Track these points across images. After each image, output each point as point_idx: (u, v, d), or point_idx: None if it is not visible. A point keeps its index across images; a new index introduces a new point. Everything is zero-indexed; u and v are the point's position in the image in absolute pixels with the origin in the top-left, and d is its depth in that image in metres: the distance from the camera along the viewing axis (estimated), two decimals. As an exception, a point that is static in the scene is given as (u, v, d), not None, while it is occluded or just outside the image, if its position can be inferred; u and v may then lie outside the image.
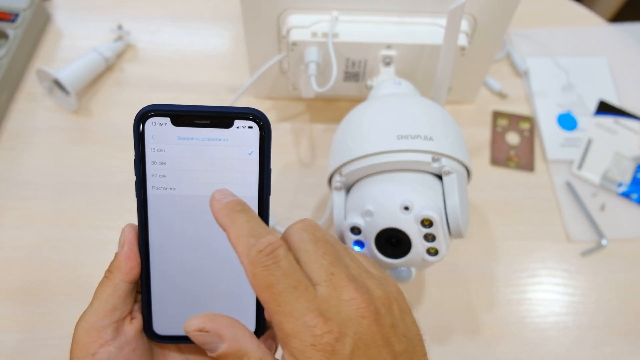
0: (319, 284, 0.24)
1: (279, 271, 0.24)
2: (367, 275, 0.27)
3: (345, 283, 0.25)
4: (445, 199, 0.41)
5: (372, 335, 0.24)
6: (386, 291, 0.26)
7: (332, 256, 0.26)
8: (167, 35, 0.69)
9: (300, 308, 0.23)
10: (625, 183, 0.59)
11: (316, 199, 0.58)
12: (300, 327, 0.23)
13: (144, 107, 0.28)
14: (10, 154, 0.59)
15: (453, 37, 0.46)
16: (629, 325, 0.52)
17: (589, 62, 0.69)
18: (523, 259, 0.55)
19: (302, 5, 0.51)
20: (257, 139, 0.29)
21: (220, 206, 0.26)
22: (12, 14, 0.64)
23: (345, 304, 0.24)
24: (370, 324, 0.24)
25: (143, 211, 0.29)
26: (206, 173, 0.29)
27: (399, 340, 0.25)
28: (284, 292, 0.23)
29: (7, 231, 0.54)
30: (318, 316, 0.23)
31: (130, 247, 0.29)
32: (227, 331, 0.25)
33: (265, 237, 0.24)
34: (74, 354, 0.28)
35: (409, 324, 0.27)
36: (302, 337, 0.23)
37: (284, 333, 0.23)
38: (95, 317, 0.28)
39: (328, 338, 0.23)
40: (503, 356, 0.50)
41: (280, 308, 0.23)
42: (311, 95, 0.57)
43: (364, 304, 0.24)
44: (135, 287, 0.30)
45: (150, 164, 0.29)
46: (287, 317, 0.23)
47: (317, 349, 0.23)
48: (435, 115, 0.44)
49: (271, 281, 0.24)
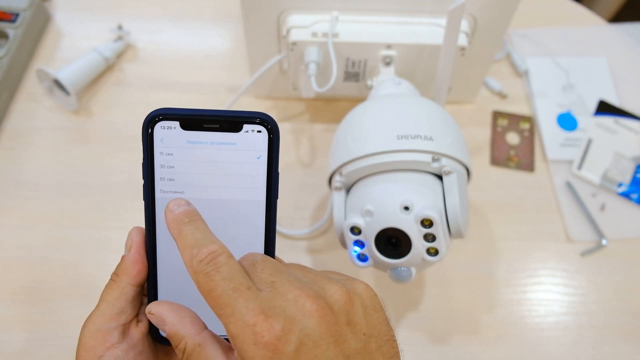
0: (262, 289, 0.24)
1: (218, 276, 0.24)
2: (323, 280, 0.27)
3: (288, 286, 0.25)
4: (445, 199, 0.41)
5: (320, 333, 0.24)
6: (345, 288, 0.26)
7: (271, 269, 0.26)
8: (167, 35, 0.69)
9: (240, 308, 0.23)
10: (625, 183, 0.59)
11: (316, 199, 0.58)
12: (242, 327, 0.23)
13: (153, 110, 0.28)
14: (10, 154, 0.59)
15: (453, 37, 0.46)
16: (629, 325, 0.52)
17: (589, 62, 0.69)
18: (523, 259, 0.55)
19: (302, 5, 0.51)
20: (266, 143, 0.29)
21: (171, 218, 0.27)
22: (12, 14, 0.64)
23: (291, 303, 0.24)
24: (318, 320, 0.24)
25: (151, 214, 0.29)
26: (214, 177, 0.29)
27: (356, 338, 0.25)
28: (224, 295, 0.24)
29: (7, 231, 0.54)
30: (258, 314, 0.23)
31: (137, 250, 0.30)
32: (168, 315, 0.26)
33: (206, 247, 0.25)
34: (80, 356, 0.28)
35: (376, 322, 0.26)
36: (244, 337, 0.23)
37: (230, 335, 0.23)
38: (102, 319, 0.28)
39: (269, 336, 0.22)
40: (503, 356, 0.50)
41: (222, 310, 0.23)
42: (311, 95, 0.57)
43: (310, 300, 0.24)
44: (142, 290, 0.30)
45: (159, 167, 0.29)
46: (229, 319, 0.23)
47: (259, 347, 0.22)
48: (435, 115, 0.44)
49: (211, 286, 0.24)
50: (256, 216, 0.29)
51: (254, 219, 0.29)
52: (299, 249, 0.55)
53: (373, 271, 0.53)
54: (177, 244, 0.26)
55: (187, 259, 0.25)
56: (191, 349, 0.25)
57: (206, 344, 0.25)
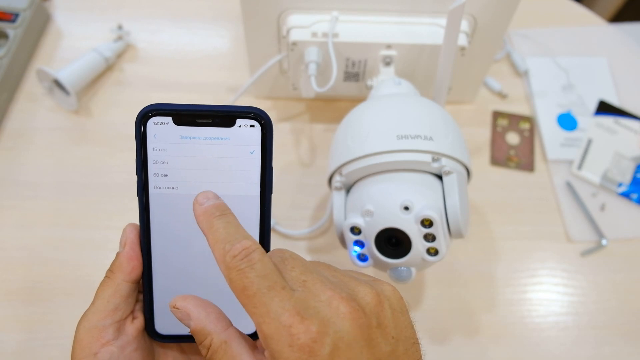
0: (295, 289, 0.24)
1: (252, 273, 0.24)
2: (352, 280, 0.26)
3: (320, 286, 0.24)
4: (445, 199, 0.41)
5: (354, 335, 0.23)
6: (376, 290, 0.26)
7: (301, 268, 0.25)
8: (167, 35, 0.69)
9: (276, 308, 0.23)
10: (625, 183, 0.59)
11: (316, 199, 0.58)
12: (277, 327, 0.22)
13: (145, 106, 0.28)
14: (10, 154, 0.59)
15: (453, 37, 0.46)
16: (629, 325, 0.52)
17: (589, 62, 0.69)
18: (523, 259, 0.55)
19: (302, 5, 0.51)
20: (259, 137, 0.29)
21: (201, 211, 0.26)
22: (12, 14, 0.64)
23: (324, 304, 0.24)
24: (352, 323, 0.23)
25: (145, 211, 0.29)
26: (208, 172, 0.29)
27: (386, 341, 0.24)
28: (259, 293, 0.23)
29: (7, 231, 0.54)
30: (294, 315, 0.22)
31: (132, 246, 0.29)
32: (194, 310, 0.26)
33: (240, 242, 0.25)
34: (75, 353, 0.28)
35: (402, 325, 0.26)
36: (279, 338, 0.22)
37: (263, 335, 0.23)
38: (97, 316, 0.28)
39: (305, 338, 0.22)
40: (503, 356, 0.50)
41: (256, 309, 0.23)
42: (311, 95, 0.57)
43: (344, 302, 0.24)
44: (137, 286, 0.30)
45: (152, 163, 0.29)
46: (263, 318, 0.23)
47: (294, 349, 0.22)
48: (435, 115, 0.44)
49: (245, 284, 0.23)
50: (250, 211, 0.29)
51: (249, 214, 0.29)
52: (299, 249, 0.55)
53: (373, 271, 0.53)
54: (208, 238, 0.26)
55: (219, 254, 0.25)
56: (217, 346, 0.25)
57: (232, 341, 0.25)
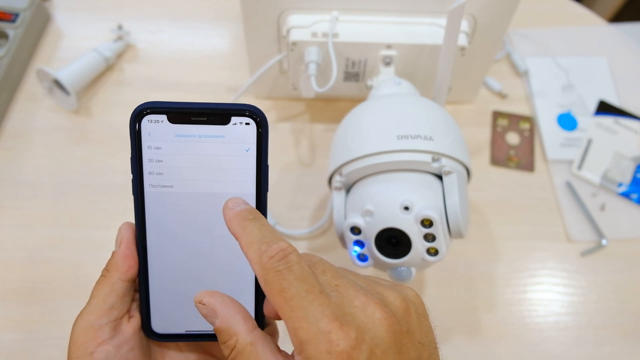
0: (331, 294, 0.24)
1: (291, 275, 0.23)
2: (379, 285, 0.26)
3: (353, 291, 0.24)
4: (445, 199, 0.41)
5: (388, 342, 0.23)
6: (402, 295, 0.25)
7: (332, 272, 0.25)
8: (167, 35, 0.69)
9: (314, 312, 0.22)
10: (625, 183, 0.59)
11: (316, 199, 0.58)
12: (315, 333, 0.22)
13: (140, 104, 0.28)
14: (10, 154, 0.59)
15: (453, 37, 0.46)
16: (629, 325, 0.52)
17: (589, 62, 0.69)
18: (523, 259, 0.55)
19: (302, 5, 0.51)
20: (254, 135, 0.29)
21: (233, 214, 0.26)
22: (12, 14, 0.64)
23: (359, 310, 0.23)
24: (387, 329, 0.23)
25: (140, 209, 0.29)
26: (203, 170, 0.29)
27: (414, 347, 0.24)
28: (297, 296, 0.23)
29: (7, 231, 0.54)
30: (333, 320, 0.22)
31: (127, 245, 0.29)
32: (221, 308, 0.25)
33: (277, 243, 0.24)
34: (71, 352, 0.28)
35: (426, 330, 0.26)
36: (317, 343, 0.22)
37: (299, 339, 0.22)
38: (92, 316, 0.28)
39: (344, 345, 0.22)
40: (503, 356, 0.50)
41: (294, 313, 0.22)
42: (311, 95, 0.57)
43: (379, 308, 0.23)
44: (133, 285, 0.30)
45: (147, 161, 0.29)
46: (301, 323, 0.22)
47: (332, 356, 0.21)
48: (435, 115, 0.44)
49: (283, 286, 0.23)
50: None
51: None
52: (299, 249, 0.54)
53: (373, 271, 0.53)
54: (240, 241, 0.25)
55: (254, 254, 0.24)
56: (242, 347, 0.24)
57: (258, 343, 0.24)
